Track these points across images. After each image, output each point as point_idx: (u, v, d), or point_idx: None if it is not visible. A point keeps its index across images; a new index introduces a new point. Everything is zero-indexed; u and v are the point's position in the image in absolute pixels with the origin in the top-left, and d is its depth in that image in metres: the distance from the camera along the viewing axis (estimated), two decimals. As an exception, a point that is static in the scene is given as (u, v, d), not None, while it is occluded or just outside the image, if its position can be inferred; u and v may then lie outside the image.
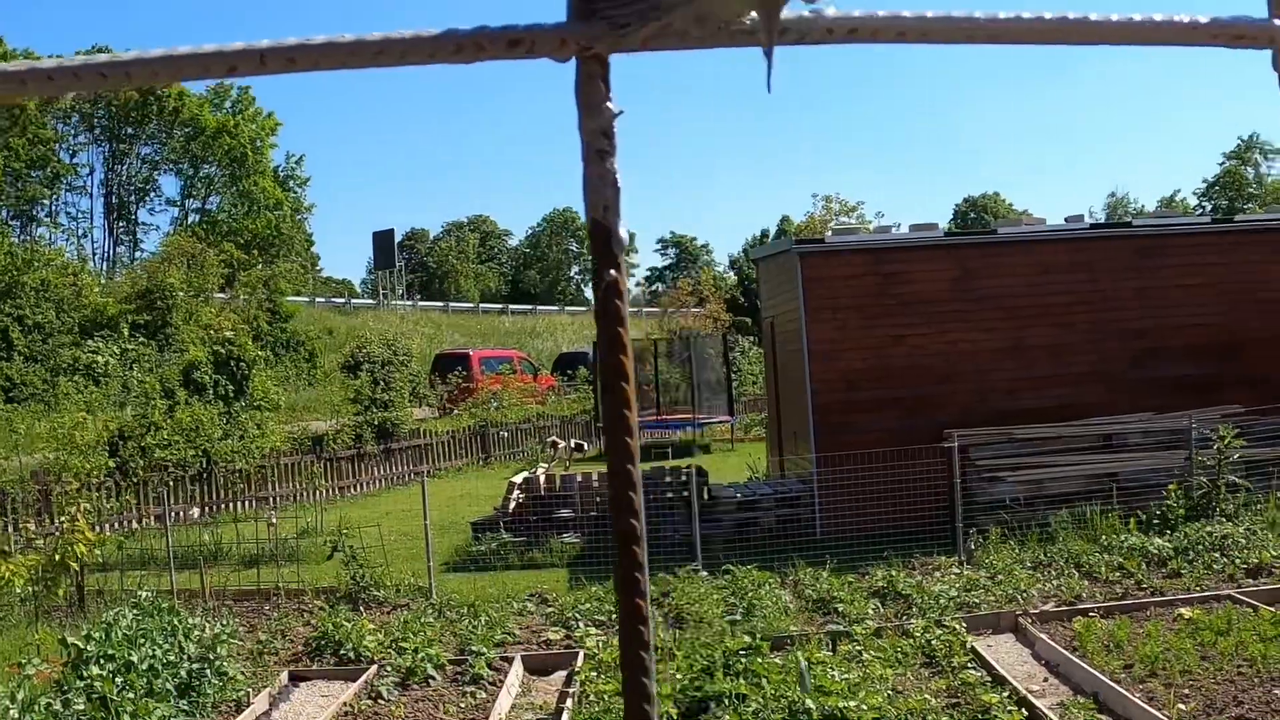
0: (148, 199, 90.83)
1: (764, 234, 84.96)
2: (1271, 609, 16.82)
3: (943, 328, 26.12)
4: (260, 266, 64.07)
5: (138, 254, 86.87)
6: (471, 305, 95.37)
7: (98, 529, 25.58)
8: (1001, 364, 26.13)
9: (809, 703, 13.16)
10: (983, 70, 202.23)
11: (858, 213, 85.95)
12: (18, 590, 21.04)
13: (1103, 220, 30.14)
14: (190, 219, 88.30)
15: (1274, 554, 20.31)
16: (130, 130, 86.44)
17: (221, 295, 54.50)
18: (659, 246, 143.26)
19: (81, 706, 13.34)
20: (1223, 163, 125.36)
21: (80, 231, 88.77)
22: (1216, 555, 20.50)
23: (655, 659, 0.81)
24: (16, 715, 12.94)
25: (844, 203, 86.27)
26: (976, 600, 19.00)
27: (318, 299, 78.02)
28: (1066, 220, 29.51)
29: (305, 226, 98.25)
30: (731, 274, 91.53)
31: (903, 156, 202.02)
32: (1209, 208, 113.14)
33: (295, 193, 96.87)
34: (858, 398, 25.92)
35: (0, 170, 74.94)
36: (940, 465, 23.97)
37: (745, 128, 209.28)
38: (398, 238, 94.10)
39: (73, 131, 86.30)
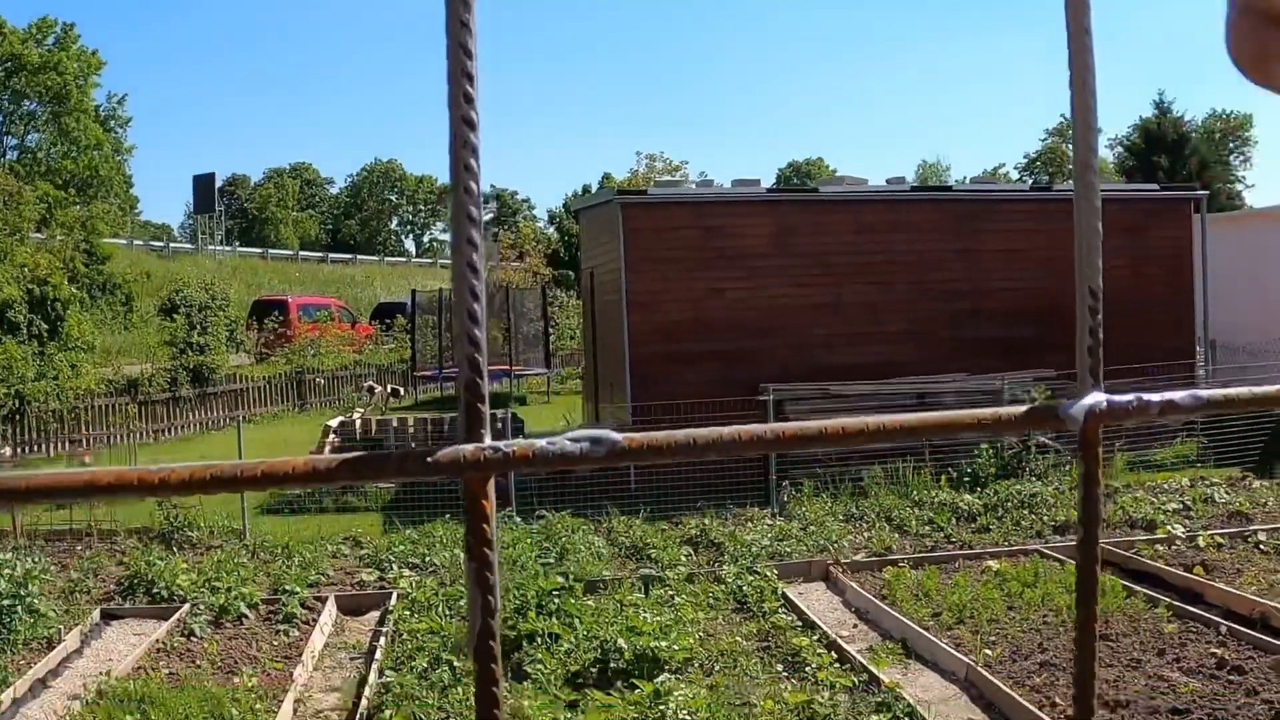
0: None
1: (586, 189, 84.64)
2: (1077, 562, 17.14)
3: (763, 282, 26.24)
4: (78, 207, 62.89)
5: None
6: (291, 253, 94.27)
7: (-97, 465, 25.05)
8: (820, 320, 26.31)
9: (621, 642, 13.21)
10: (808, 42, 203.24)
11: (681, 172, 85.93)
12: None
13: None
14: (8, 156, 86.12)
15: (1081, 511, 20.70)
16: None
17: (38, 235, 53.35)
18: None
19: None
20: (1045, 139, 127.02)
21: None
22: (1025, 512, 20.91)
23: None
24: None
25: (668, 161, 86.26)
26: (789, 550, 19.20)
27: (136, 242, 76.55)
28: (888, 181, 29.80)
29: (125, 168, 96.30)
30: (552, 229, 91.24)
31: (727, 121, 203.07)
32: (1030, 182, 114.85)
33: (116, 133, 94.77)
34: (676, 349, 25.96)
35: None
36: (756, 418, 24.11)
37: (567, 81, 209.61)
38: (218, 183, 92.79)
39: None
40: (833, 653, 13.86)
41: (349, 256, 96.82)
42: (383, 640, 15.14)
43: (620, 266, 26.15)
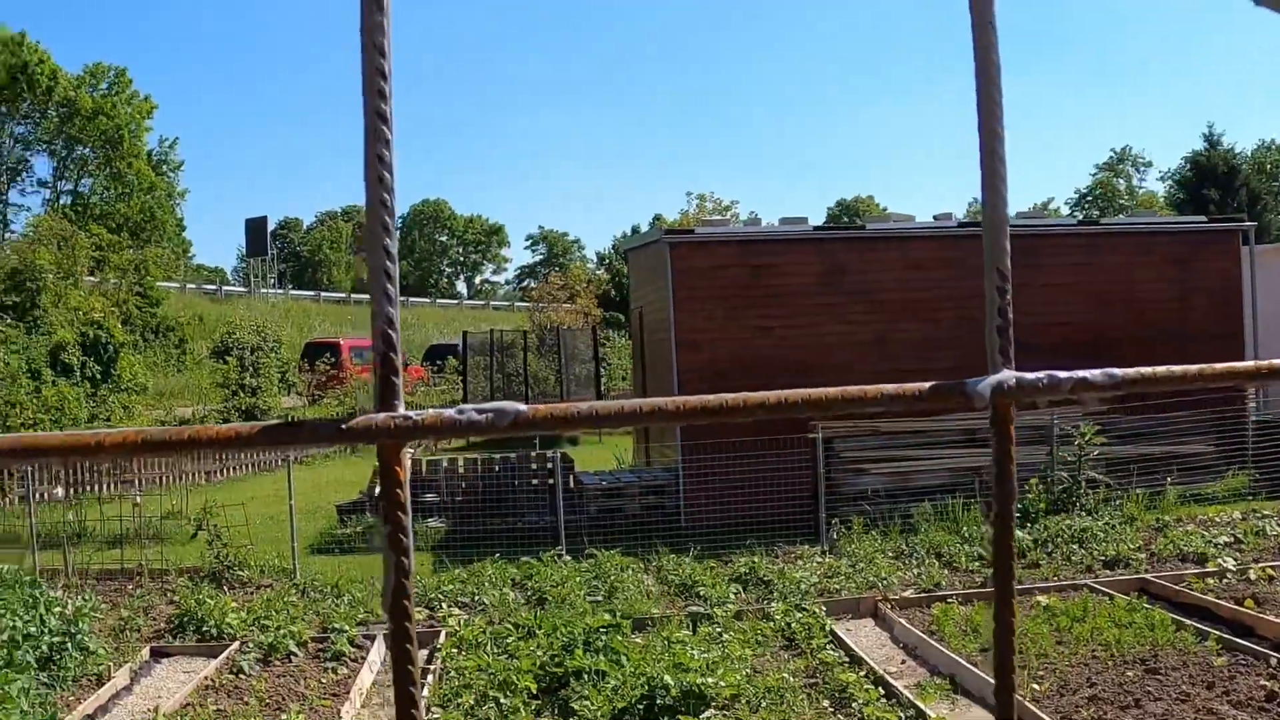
0: (19, 179, 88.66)
1: (635, 229, 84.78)
2: (1127, 597, 17.09)
3: (810, 320, 26.21)
4: (131, 251, 63.34)
5: (7, 234, 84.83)
6: (343, 295, 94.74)
7: (-40, 508, 25.22)
8: (868, 357, 26.23)
9: (667, 679, 13.20)
10: (861, 79, 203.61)
11: (731, 211, 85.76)
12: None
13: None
14: (62, 200, 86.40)
15: (1131, 547, 20.64)
16: (3, 109, 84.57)
17: (91, 278, 53.69)
18: (529, 243, 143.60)
19: (-61, 676, 13.14)
20: (1095, 174, 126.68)
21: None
22: (1075, 547, 20.80)
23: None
24: None
25: (718, 201, 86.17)
26: (838, 586, 19.17)
27: (189, 285, 77.16)
28: (935, 218, 29.74)
29: (177, 212, 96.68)
30: (603, 271, 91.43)
31: (778, 161, 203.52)
32: (1080, 218, 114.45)
33: (169, 177, 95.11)
34: (724, 387, 25.62)
35: None
36: (805, 456, 24.10)
37: (619, 123, 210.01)
38: (270, 226, 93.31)
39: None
40: (880, 689, 13.81)
41: (401, 299, 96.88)
42: (430, 678, 15.16)
43: (668, 306, 26.18)
